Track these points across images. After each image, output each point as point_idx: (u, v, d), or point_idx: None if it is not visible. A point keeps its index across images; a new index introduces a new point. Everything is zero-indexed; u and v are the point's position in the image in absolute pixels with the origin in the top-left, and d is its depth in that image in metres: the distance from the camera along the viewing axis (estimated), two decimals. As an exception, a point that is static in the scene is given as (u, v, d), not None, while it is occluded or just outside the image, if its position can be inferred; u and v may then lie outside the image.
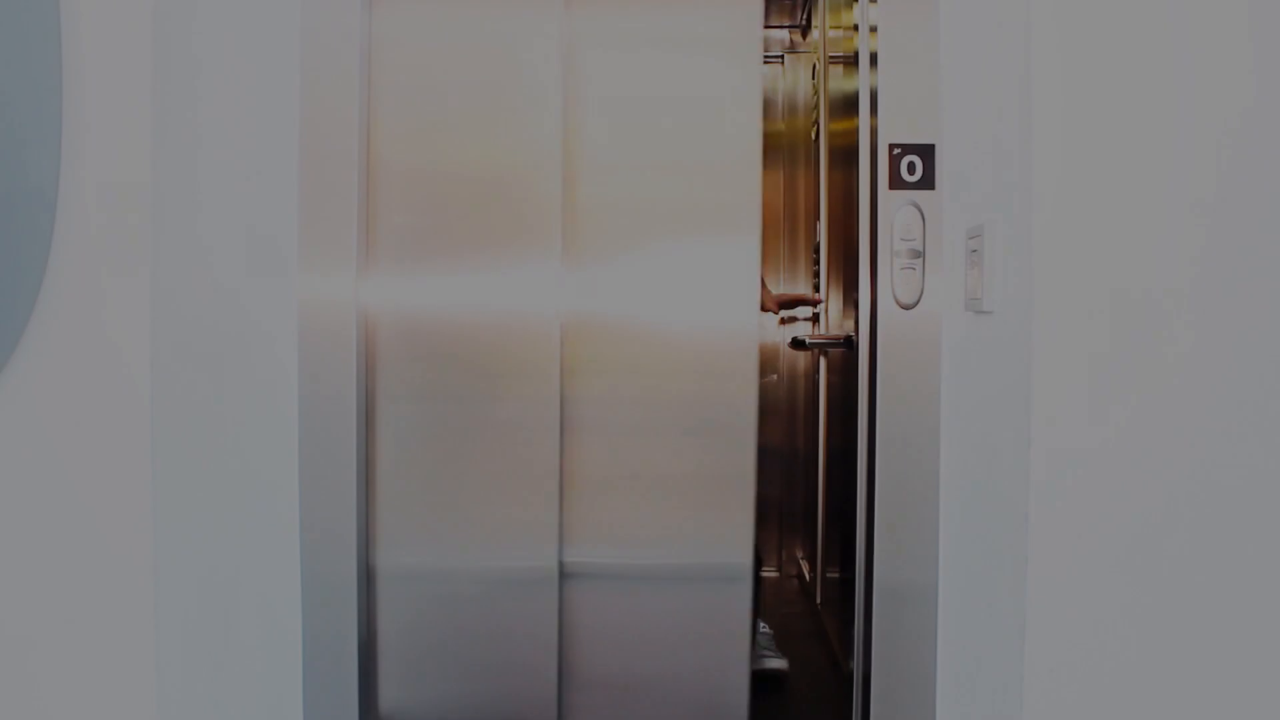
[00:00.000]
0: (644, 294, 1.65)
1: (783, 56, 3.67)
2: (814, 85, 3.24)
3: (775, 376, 3.62)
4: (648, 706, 1.65)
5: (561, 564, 1.64)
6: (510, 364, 1.62)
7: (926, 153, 1.58)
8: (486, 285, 1.64)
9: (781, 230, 3.59)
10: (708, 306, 1.65)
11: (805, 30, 3.55)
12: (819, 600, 3.00)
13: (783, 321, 3.48)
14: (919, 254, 1.58)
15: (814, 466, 3.09)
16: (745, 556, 1.64)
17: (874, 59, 1.63)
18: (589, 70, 1.63)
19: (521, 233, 1.62)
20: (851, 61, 2.17)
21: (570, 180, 1.63)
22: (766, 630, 2.65)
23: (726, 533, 1.64)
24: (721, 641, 1.65)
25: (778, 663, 2.53)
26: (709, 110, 1.64)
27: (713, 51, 1.64)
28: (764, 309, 2.82)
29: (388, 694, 1.66)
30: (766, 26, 3.68)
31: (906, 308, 1.59)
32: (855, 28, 1.81)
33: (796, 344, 2.39)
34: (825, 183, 2.86)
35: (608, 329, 1.64)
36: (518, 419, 1.62)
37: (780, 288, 3.52)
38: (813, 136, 3.23)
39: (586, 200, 1.63)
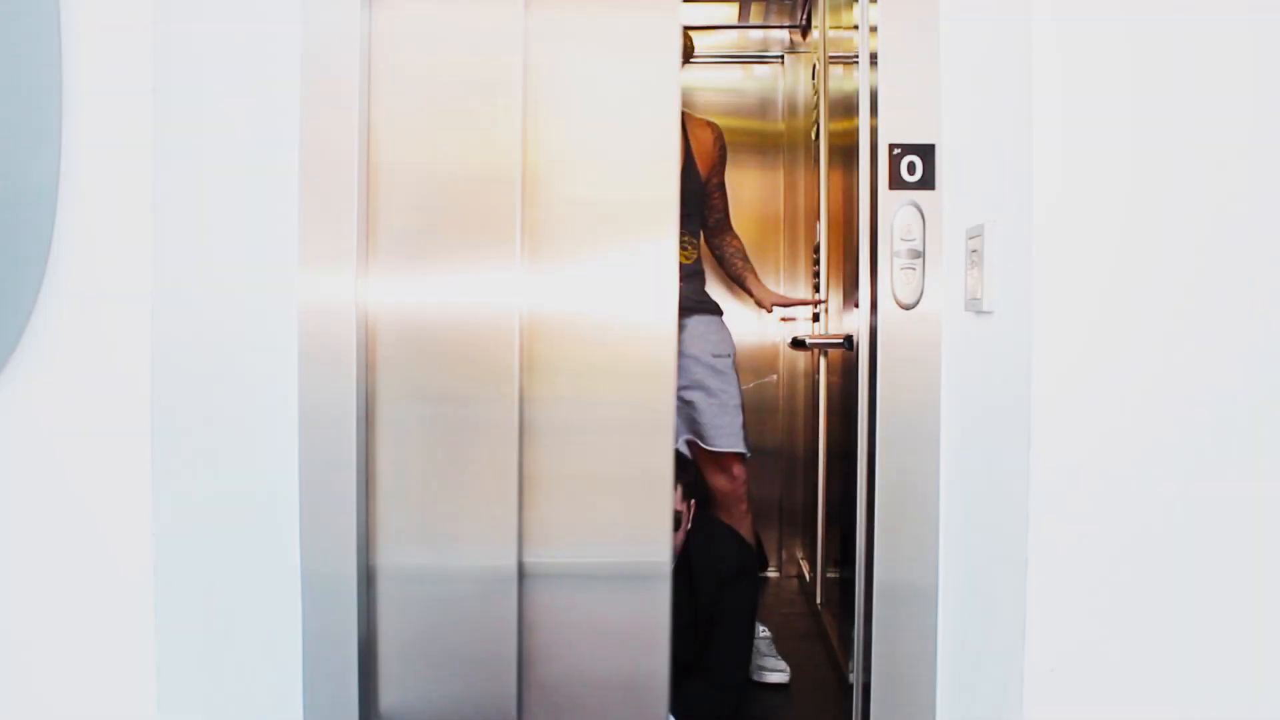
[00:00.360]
0: (578, 294, 1.66)
1: (783, 56, 3.67)
2: (814, 85, 3.24)
3: (775, 377, 3.62)
4: (585, 692, 1.69)
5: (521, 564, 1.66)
6: (478, 364, 1.63)
7: (926, 153, 1.58)
8: (459, 286, 1.64)
9: (781, 230, 3.59)
10: (629, 306, 1.65)
11: (805, 30, 3.55)
12: (819, 600, 3.00)
13: (784, 320, 3.47)
14: (919, 254, 1.58)
15: (814, 466, 3.09)
16: (664, 555, 1.66)
17: (874, 59, 1.63)
18: (544, 72, 1.64)
19: (487, 233, 1.63)
20: (851, 61, 2.17)
21: (530, 180, 1.63)
22: (766, 635, 2.63)
23: (646, 531, 1.66)
24: (645, 635, 1.68)
25: (778, 675, 2.50)
26: (629, 110, 1.64)
27: (635, 53, 1.65)
28: (760, 306, 2.83)
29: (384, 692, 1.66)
30: (767, 26, 3.68)
31: (906, 308, 1.59)
32: (855, 28, 1.81)
33: (796, 344, 2.39)
34: (825, 183, 2.86)
35: (554, 329, 1.65)
36: (481, 419, 1.64)
37: (781, 288, 3.52)
38: (813, 136, 3.23)
39: (544, 201, 1.64)
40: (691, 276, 2.63)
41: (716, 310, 2.69)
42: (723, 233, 2.78)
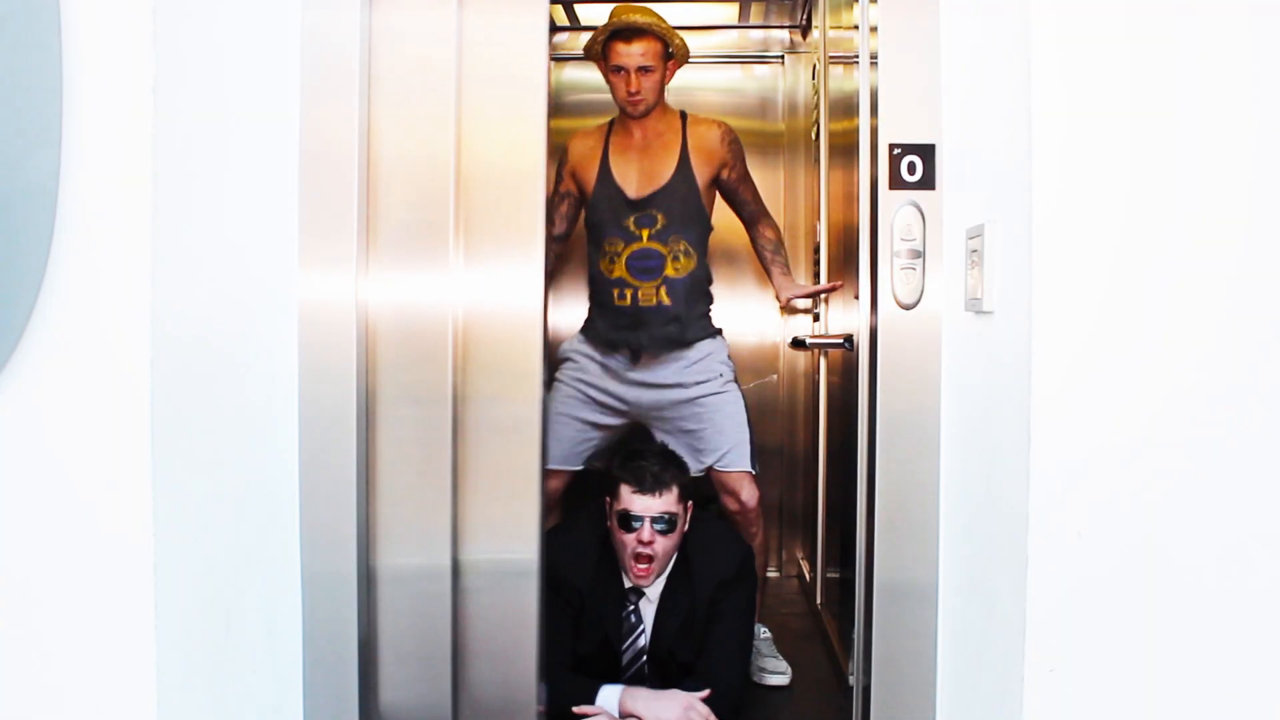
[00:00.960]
0: (481, 293, 1.68)
1: (783, 56, 3.67)
2: (814, 85, 3.24)
3: (775, 377, 3.62)
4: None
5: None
6: (429, 363, 1.65)
7: (926, 153, 1.58)
8: (415, 285, 1.66)
9: (782, 230, 3.58)
10: (503, 304, 1.67)
11: (805, 30, 3.55)
12: (819, 600, 3.00)
13: (785, 310, 3.41)
14: (919, 254, 1.58)
15: (814, 466, 3.09)
16: (532, 552, 1.68)
17: (874, 59, 1.63)
18: (476, 70, 1.67)
19: (432, 231, 1.64)
20: (851, 61, 2.17)
21: (463, 178, 1.65)
22: (767, 635, 2.63)
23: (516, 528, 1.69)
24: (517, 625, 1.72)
25: (778, 679, 2.50)
26: (506, 102, 1.67)
27: (506, 44, 1.66)
28: (776, 299, 2.80)
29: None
30: (767, 26, 3.68)
31: (906, 308, 1.59)
32: (855, 28, 1.81)
33: (796, 344, 2.38)
34: (825, 183, 2.86)
35: (475, 327, 1.67)
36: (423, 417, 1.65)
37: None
38: (813, 136, 3.23)
39: (471, 199, 1.66)
40: (689, 292, 2.50)
41: (711, 335, 2.58)
42: (755, 223, 2.71)
